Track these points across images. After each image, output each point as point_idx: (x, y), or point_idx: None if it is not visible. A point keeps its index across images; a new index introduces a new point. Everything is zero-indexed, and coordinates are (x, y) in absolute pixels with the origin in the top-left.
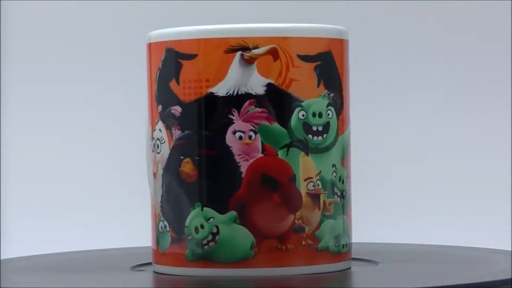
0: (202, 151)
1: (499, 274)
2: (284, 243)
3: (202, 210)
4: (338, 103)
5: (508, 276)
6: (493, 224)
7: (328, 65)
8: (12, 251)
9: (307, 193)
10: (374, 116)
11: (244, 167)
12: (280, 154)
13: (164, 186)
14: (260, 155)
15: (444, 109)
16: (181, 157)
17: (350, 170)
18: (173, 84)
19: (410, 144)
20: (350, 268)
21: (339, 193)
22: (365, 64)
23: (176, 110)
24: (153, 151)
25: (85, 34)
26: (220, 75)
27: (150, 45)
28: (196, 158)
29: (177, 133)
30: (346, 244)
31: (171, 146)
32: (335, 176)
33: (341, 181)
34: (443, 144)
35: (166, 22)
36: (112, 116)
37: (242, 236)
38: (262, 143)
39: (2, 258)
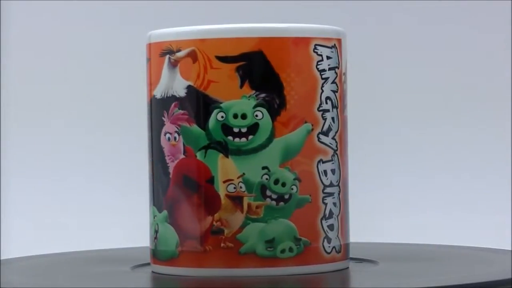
0: (151, 152)
1: (499, 274)
2: (202, 244)
3: (152, 208)
4: (276, 103)
5: (508, 276)
6: (493, 224)
7: (256, 65)
8: (12, 251)
9: (226, 195)
10: (373, 115)
11: (171, 168)
12: (199, 155)
13: None
14: (182, 156)
15: (444, 108)
16: (149, 158)
17: (315, 172)
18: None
19: (410, 144)
20: (309, 274)
21: (274, 196)
22: (364, 63)
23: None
24: None
25: (86, 33)
26: (157, 78)
27: None
28: (150, 158)
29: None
30: (292, 249)
31: None
32: (267, 179)
33: (281, 184)
34: (443, 143)
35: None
36: (112, 116)
37: (170, 235)
38: (184, 144)
39: (2, 258)
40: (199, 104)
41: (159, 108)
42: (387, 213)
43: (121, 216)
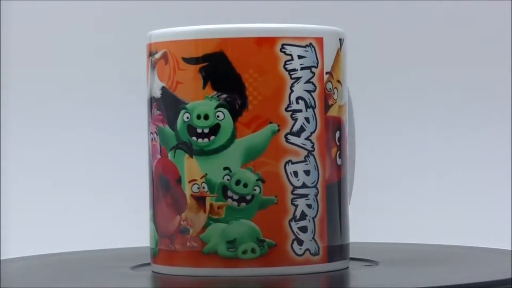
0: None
1: (499, 274)
2: (172, 243)
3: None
4: (237, 104)
5: (508, 276)
6: (493, 224)
7: (218, 65)
8: (12, 251)
9: (191, 195)
10: (373, 115)
11: (153, 168)
12: (169, 156)
13: None
14: (159, 156)
15: (444, 108)
16: None
17: (282, 173)
18: None
19: (410, 144)
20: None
21: (236, 197)
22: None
23: None
24: None
25: (86, 33)
26: (146, 79)
27: None
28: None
29: None
30: (255, 250)
31: None
32: (228, 180)
33: (242, 185)
34: (443, 144)
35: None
36: (112, 116)
37: (153, 233)
38: (160, 145)
39: (2, 258)
40: (169, 105)
41: (148, 109)
42: (387, 213)
43: (121, 216)
